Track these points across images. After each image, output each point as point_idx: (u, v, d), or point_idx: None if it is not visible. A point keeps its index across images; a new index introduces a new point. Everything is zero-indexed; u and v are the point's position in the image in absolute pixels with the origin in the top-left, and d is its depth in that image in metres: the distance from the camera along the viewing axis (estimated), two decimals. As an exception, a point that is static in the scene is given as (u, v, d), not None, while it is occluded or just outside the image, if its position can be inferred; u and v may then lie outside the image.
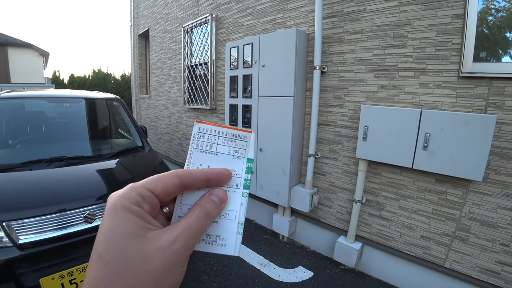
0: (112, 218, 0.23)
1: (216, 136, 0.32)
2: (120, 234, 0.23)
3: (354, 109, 2.37)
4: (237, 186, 0.32)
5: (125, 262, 0.22)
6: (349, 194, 2.50)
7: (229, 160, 0.32)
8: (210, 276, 2.34)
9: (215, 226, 0.31)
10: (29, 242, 1.55)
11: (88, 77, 12.97)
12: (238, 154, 0.32)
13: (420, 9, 1.93)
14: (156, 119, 6.07)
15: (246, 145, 0.32)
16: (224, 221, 0.31)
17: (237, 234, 0.31)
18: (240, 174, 0.32)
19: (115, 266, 0.22)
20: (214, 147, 0.32)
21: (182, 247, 0.24)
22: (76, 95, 2.98)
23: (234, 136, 0.32)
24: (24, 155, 2.18)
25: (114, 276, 0.21)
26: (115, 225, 0.23)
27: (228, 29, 3.58)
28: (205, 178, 0.29)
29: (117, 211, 0.24)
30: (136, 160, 2.52)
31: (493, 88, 1.74)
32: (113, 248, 0.22)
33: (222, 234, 0.30)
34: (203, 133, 0.32)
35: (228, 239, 0.30)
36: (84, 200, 1.81)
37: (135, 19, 6.76)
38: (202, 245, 0.30)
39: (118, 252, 0.22)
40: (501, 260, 1.81)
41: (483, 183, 1.82)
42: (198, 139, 0.32)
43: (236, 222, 0.31)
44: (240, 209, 0.31)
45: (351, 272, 2.46)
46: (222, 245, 0.30)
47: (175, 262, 0.24)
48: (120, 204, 0.24)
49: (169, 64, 5.25)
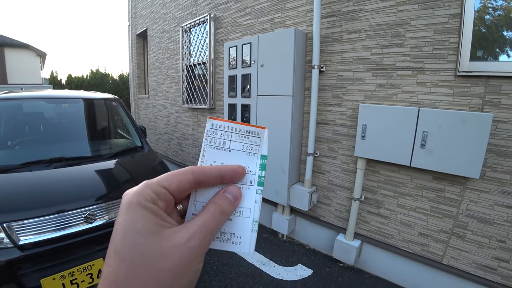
0: (128, 215, 0.24)
1: (229, 133, 0.32)
2: (136, 231, 0.23)
3: (352, 108, 2.38)
4: (251, 183, 0.31)
5: (141, 259, 0.22)
6: (348, 192, 2.52)
7: (242, 157, 0.32)
8: (210, 275, 2.35)
9: (229, 224, 0.30)
10: (29, 243, 1.55)
11: (86, 78, 12.91)
12: (252, 151, 0.32)
13: (418, 9, 1.95)
14: (154, 119, 6.06)
15: (259, 141, 0.32)
16: (239, 218, 0.31)
17: (251, 232, 0.30)
18: (254, 171, 0.31)
19: (132, 263, 0.22)
20: (227, 143, 0.32)
21: (198, 244, 0.25)
22: (75, 95, 2.98)
23: (248, 133, 0.32)
24: (23, 156, 2.18)
25: (130, 272, 0.22)
26: (131, 222, 0.23)
27: (227, 29, 3.58)
28: (219, 175, 0.29)
29: (133, 208, 0.24)
30: (135, 160, 2.52)
31: (489, 87, 1.76)
32: (130, 245, 0.22)
33: (236, 232, 0.30)
34: (216, 129, 0.32)
35: (243, 237, 0.30)
36: (84, 201, 1.81)
37: (133, 19, 6.75)
38: (217, 243, 0.30)
39: (135, 249, 0.22)
40: (498, 256, 1.83)
41: (480, 180, 1.84)
42: (212, 136, 0.32)
43: (250, 219, 0.31)
44: (254, 207, 0.31)
45: (350, 270, 2.48)
46: (237, 243, 0.30)
47: (191, 259, 0.24)
48: (136, 201, 0.24)
49: (168, 64, 5.25)
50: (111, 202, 1.90)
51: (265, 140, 0.32)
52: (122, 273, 0.22)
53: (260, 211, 0.31)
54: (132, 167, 2.44)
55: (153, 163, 2.55)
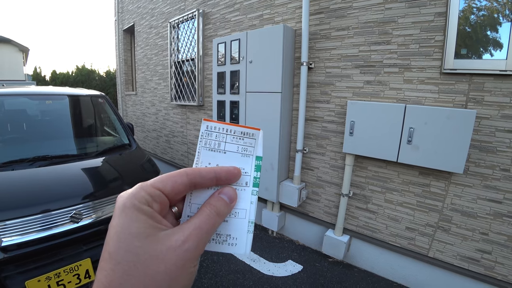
0: (122, 217, 0.23)
1: (224, 134, 0.32)
2: (130, 234, 0.23)
3: (340, 105, 2.40)
4: (247, 184, 0.31)
5: (136, 262, 0.22)
6: (336, 188, 2.55)
7: (237, 158, 0.32)
8: (200, 272, 2.35)
9: (225, 226, 0.30)
10: (13, 244, 1.51)
11: (71, 74, 12.56)
12: (247, 152, 0.32)
13: (404, 7, 1.97)
14: (142, 116, 5.96)
15: (254, 143, 0.32)
16: (234, 220, 0.30)
17: (247, 233, 0.30)
18: (249, 172, 0.31)
19: (127, 266, 0.22)
20: (222, 145, 0.32)
21: (193, 247, 0.24)
22: (60, 92, 2.90)
23: (242, 134, 0.32)
24: (5, 154, 2.10)
25: (126, 276, 0.21)
26: (125, 225, 0.23)
27: (215, 25, 3.54)
28: (215, 176, 0.29)
29: (127, 211, 0.24)
30: (123, 158, 2.48)
31: (473, 84, 1.80)
32: (125, 248, 0.22)
33: (232, 233, 0.30)
34: (211, 131, 0.32)
35: (239, 238, 0.30)
36: (69, 200, 1.77)
37: (119, 14, 6.59)
38: (212, 245, 0.30)
39: (130, 252, 0.22)
40: (481, 248, 1.90)
41: (463, 175, 1.89)
42: (206, 138, 0.32)
43: (246, 220, 0.30)
44: (250, 207, 0.31)
45: (340, 265, 2.52)
46: (233, 244, 0.30)
47: (186, 261, 0.24)
48: (130, 203, 0.24)
49: (155, 60, 5.16)
50: (98, 201, 1.86)
51: (259, 141, 0.32)
52: (117, 277, 0.21)
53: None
54: (119, 165, 2.40)
55: (141, 160, 2.51)
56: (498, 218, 1.82)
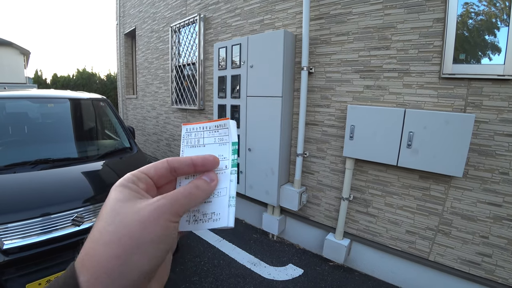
0: (113, 192, 0.28)
1: (201, 131, 0.36)
2: (117, 199, 0.27)
3: (340, 109, 2.42)
4: (226, 167, 0.34)
5: (116, 215, 0.25)
6: (336, 192, 2.56)
7: (216, 148, 0.35)
8: (201, 276, 2.34)
9: (210, 205, 0.33)
10: (14, 247, 1.51)
11: (72, 77, 12.61)
12: (223, 141, 0.35)
13: (403, 13, 2.00)
14: (143, 119, 5.98)
15: (228, 131, 0.35)
16: (217, 199, 0.33)
17: (229, 207, 0.33)
18: (227, 157, 0.35)
19: (109, 220, 0.25)
20: (201, 140, 0.36)
21: (168, 203, 0.27)
22: (61, 95, 2.92)
23: (216, 127, 0.36)
24: (7, 157, 2.12)
25: (106, 226, 0.25)
26: (113, 196, 0.27)
27: (217, 29, 3.58)
28: (192, 162, 0.32)
29: (117, 187, 0.28)
30: (123, 162, 2.49)
31: (471, 89, 1.82)
32: (109, 208, 0.26)
33: (216, 210, 0.33)
34: (190, 131, 0.37)
35: (222, 213, 0.33)
36: (71, 203, 1.78)
37: (121, 18, 6.64)
38: (200, 225, 0.33)
39: (112, 211, 0.26)
40: (481, 252, 1.90)
41: (463, 178, 1.91)
42: (187, 138, 0.37)
43: (227, 196, 0.33)
44: (230, 185, 0.33)
45: (340, 268, 2.52)
46: (217, 220, 0.32)
47: (160, 214, 0.26)
48: (119, 183, 0.29)
49: (156, 64, 5.19)
50: (99, 204, 1.87)
51: (232, 129, 0.35)
52: (98, 228, 0.25)
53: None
54: (120, 169, 2.40)
55: (142, 164, 2.51)
56: (498, 221, 1.83)
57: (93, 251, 0.24)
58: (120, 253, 0.24)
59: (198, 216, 0.33)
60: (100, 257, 0.23)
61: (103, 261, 0.23)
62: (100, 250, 0.24)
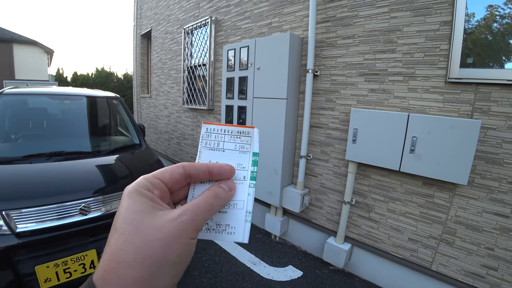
0: (127, 200, 0.27)
1: (222, 135, 0.35)
2: (134, 211, 0.26)
3: (345, 112, 2.41)
4: (244, 178, 0.34)
5: (136, 231, 0.25)
6: (339, 196, 2.54)
7: (235, 155, 0.34)
8: (201, 272, 2.38)
9: (224, 216, 0.33)
10: (26, 231, 1.61)
11: (91, 76, 13.11)
12: (244, 149, 0.35)
13: (410, 16, 1.97)
14: (156, 118, 6.14)
15: (250, 140, 0.35)
16: (233, 211, 0.33)
17: (245, 222, 0.32)
18: (246, 167, 0.34)
19: (128, 235, 0.25)
20: (221, 144, 0.35)
21: (189, 219, 0.27)
22: (78, 92, 3.06)
23: (239, 133, 0.35)
24: (25, 149, 2.25)
25: (126, 243, 0.25)
26: (129, 205, 0.27)
27: (227, 32, 3.64)
28: (207, 169, 0.32)
29: (131, 195, 0.27)
30: (133, 157, 2.58)
31: (479, 94, 1.77)
32: (127, 222, 0.26)
33: (231, 223, 0.32)
34: (211, 132, 0.35)
35: (237, 227, 0.32)
36: (81, 193, 1.86)
37: (138, 20, 6.86)
38: (212, 235, 0.32)
39: (131, 225, 0.25)
40: (486, 264, 1.83)
41: (468, 187, 1.85)
42: (207, 138, 0.35)
43: (244, 211, 0.33)
44: (247, 199, 0.33)
45: (340, 273, 2.49)
46: (232, 233, 0.32)
47: (182, 231, 0.26)
48: (133, 189, 0.28)
49: (170, 65, 5.32)
50: (107, 195, 1.95)
51: (255, 138, 0.35)
52: (118, 244, 0.25)
53: (253, 207, 0.34)
54: (129, 163, 2.49)
55: (150, 160, 2.60)
56: (504, 233, 1.76)
57: (116, 272, 0.24)
58: (145, 275, 0.24)
59: (211, 225, 0.32)
60: (125, 281, 0.24)
61: (129, 285, 0.23)
62: (123, 271, 0.24)
